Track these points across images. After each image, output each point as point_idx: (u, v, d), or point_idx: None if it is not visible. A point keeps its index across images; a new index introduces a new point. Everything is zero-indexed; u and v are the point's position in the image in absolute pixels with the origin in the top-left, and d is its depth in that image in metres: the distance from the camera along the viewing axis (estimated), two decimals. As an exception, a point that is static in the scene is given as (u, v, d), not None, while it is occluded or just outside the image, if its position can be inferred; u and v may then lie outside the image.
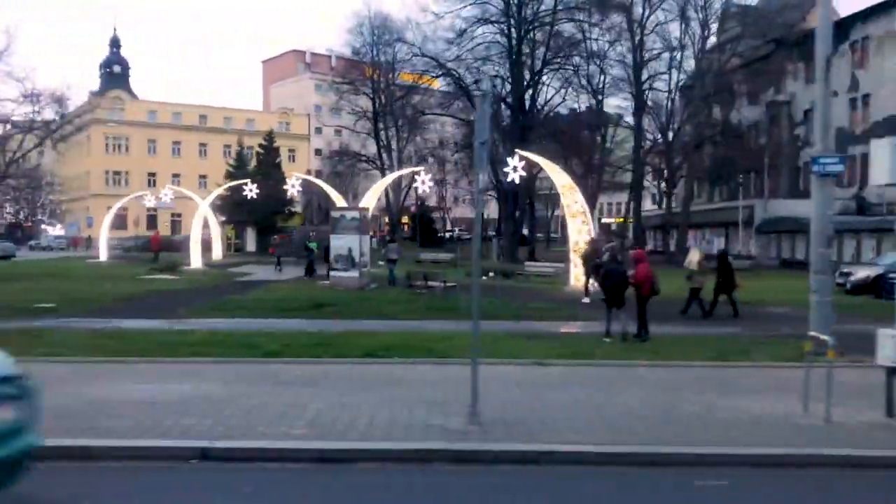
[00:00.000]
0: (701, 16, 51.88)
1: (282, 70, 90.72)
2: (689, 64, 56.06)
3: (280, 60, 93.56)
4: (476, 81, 47.06)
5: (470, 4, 40.96)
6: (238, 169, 52.92)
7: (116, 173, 77.62)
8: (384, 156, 57.26)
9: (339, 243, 23.88)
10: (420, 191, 34.67)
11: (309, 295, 21.54)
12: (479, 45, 42.13)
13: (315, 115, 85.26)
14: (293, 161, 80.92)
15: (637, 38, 54.16)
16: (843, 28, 48.39)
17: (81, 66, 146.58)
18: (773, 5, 59.24)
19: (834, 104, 49.81)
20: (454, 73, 43.32)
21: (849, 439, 7.82)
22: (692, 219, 55.94)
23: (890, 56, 43.91)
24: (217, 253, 42.10)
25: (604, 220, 73.92)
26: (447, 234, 71.64)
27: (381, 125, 54.00)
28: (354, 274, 23.36)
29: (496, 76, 40.96)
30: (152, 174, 75.86)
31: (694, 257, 18.58)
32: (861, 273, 23.87)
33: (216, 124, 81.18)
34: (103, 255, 42.08)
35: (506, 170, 21.23)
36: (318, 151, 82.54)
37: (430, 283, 22.00)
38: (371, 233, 71.16)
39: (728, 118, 59.83)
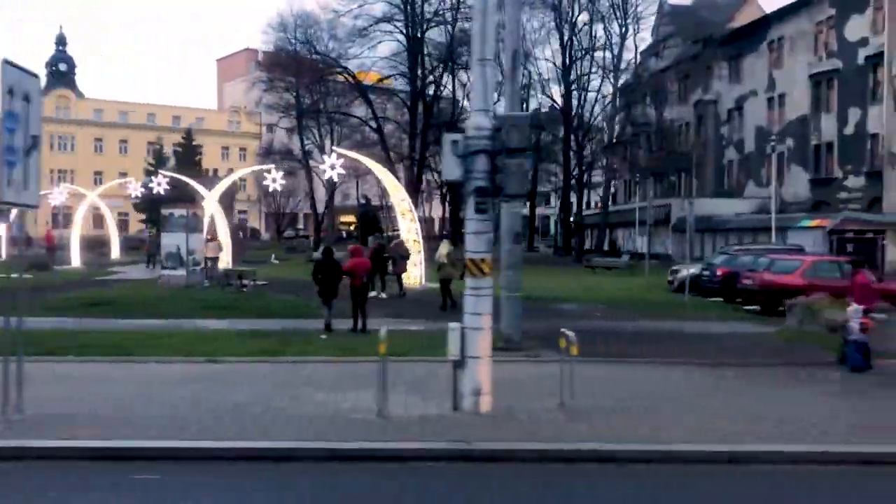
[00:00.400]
0: (621, 15, 51.56)
1: (235, 69, 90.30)
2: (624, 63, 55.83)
3: (233, 59, 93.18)
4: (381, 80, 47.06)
5: (369, 4, 40.83)
6: (156, 167, 52.60)
7: (62, 172, 77.16)
8: (314, 153, 56.92)
9: (169, 241, 23.61)
10: (273, 187, 34.16)
11: (117, 295, 21.28)
12: (379, 42, 41.96)
13: (266, 114, 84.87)
14: (244, 160, 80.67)
15: (566, 36, 54.02)
16: (761, 27, 48.29)
17: (28, 65, 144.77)
18: (705, 4, 59.16)
19: (752, 103, 50.09)
20: (349, 71, 43.10)
21: (384, 433, 7.78)
22: (625, 217, 55.77)
23: (800, 56, 43.69)
24: (115, 252, 41.73)
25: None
26: (392, 233, 71.56)
27: (305, 122, 53.70)
28: (182, 272, 23.09)
29: (396, 75, 40.79)
30: (98, 173, 75.36)
31: (443, 250, 18.63)
32: (683, 272, 23.59)
33: (165, 122, 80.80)
34: (4, 254, 41.69)
35: (322, 167, 20.96)
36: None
37: (243, 281, 21.75)
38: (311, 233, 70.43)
39: (661, 117, 59.71)
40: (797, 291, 17.37)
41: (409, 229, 23.34)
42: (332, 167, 20.12)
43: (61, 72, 78.31)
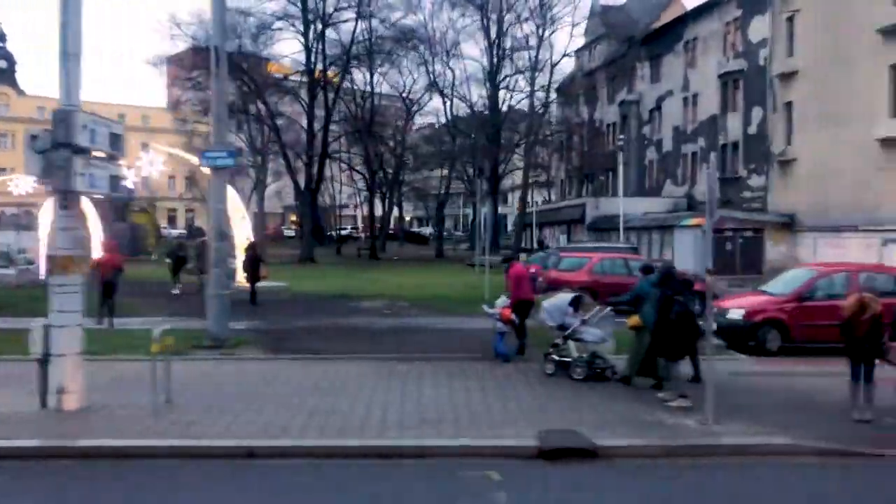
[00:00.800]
0: (539, 15, 51.61)
1: (185, 67, 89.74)
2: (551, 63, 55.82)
3: (182, 57, 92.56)
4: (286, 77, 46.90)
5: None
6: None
7: (1, 170, 76.48)
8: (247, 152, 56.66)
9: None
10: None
11: None
12: (276, 41, 41.97)
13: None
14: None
15: (493, 36, 54.03)
16: (678, 27, 48.49)
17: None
18: (635, 5, 59.41)
19: (670, 103, 50.15)
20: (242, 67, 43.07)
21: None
22: (551, 217, 55.96)
23: (711, 56, 43.89)
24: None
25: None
26: (340, 232, 71.61)
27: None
28: (12, 272, 22.88)
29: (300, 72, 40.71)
30: (39, 170, 74.80)
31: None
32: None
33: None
34: None
35: (138, 164, 20.77)
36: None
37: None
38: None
39: (592, 117, 59.95)
40: (584, 288, 17.43)
41: (241, 229, 23.32)
42: (151, 163, 19.92)
43: (1, 69, 77.64)
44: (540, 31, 51.52)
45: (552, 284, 18.96)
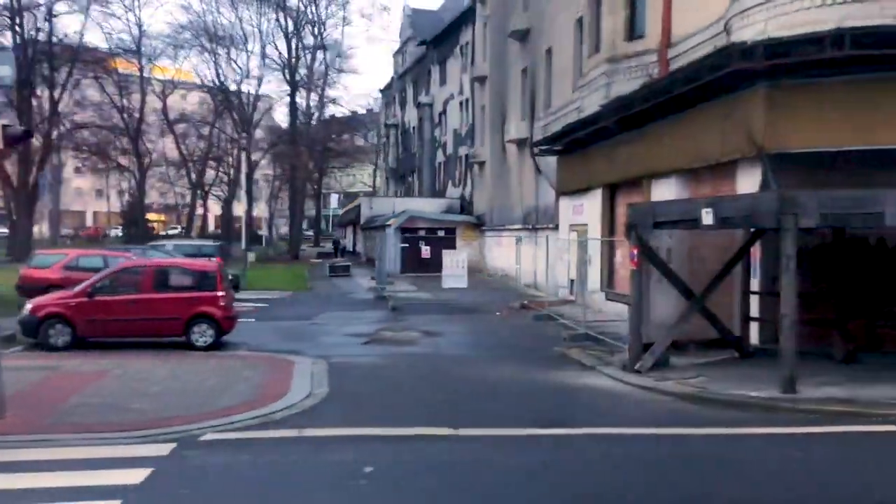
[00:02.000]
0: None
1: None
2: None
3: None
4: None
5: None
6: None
7: None
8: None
9: None
10: None
11: None
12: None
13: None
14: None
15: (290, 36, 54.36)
16: (455, 30, 49.12)
17: None
18: (450, 7, 60.07)
19: (452, 106, 50.59)
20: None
21: None
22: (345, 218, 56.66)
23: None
24: None
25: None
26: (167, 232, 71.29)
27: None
28: None
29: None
30: None
31: None
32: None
33: None
34: None
35: None
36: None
37: None
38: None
39: (403, 119, 60.58)
40: (55, 285, 17.68)
41: None
42: None
43: None
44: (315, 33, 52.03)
45: (25, 282, 19.21)
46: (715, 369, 11.75)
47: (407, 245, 34.30)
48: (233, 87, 53.23)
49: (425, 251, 33.36)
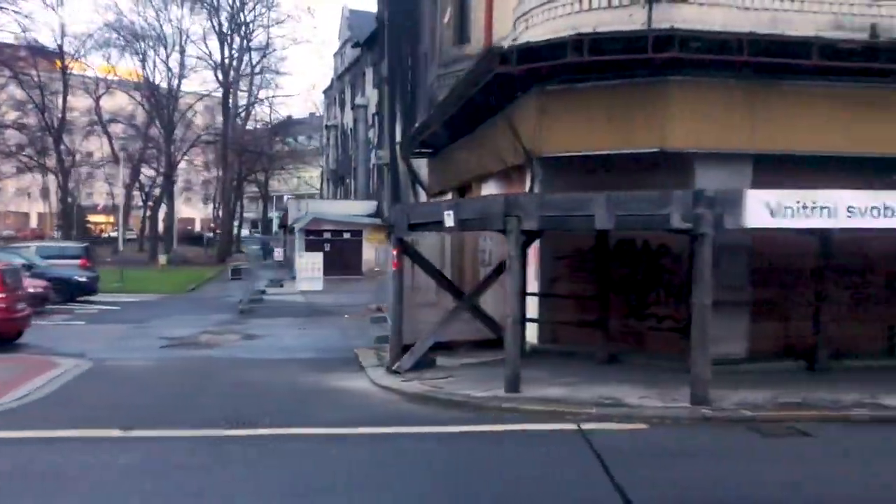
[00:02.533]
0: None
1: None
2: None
3: None
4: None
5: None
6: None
7: None
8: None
9: None
10: None
11: None
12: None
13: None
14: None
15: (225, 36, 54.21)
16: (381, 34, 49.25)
17: None
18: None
19: (378, 108, 50.14)
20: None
21: None
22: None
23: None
24: None
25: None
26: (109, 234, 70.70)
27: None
28: None
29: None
30: None
31: None
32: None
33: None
34: None
35: None
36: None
37: None
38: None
39: (343, 121, 60.62)
40: None
41: None
42: None
43: None
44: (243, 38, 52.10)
45: None
46: (472, 370, 11.89)
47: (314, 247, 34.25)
48: (164, 86, 53.14)
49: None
